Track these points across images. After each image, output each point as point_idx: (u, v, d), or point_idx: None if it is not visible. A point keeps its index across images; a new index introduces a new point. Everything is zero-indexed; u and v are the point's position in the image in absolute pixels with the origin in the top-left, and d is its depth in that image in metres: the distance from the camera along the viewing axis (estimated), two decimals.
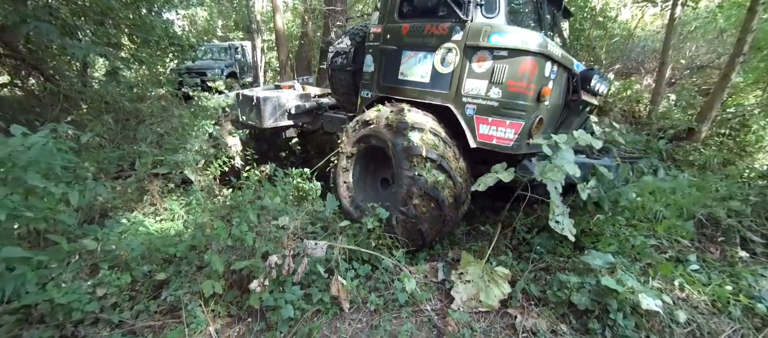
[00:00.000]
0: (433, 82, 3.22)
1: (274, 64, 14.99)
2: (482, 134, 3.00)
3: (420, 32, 3.29)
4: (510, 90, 2.84)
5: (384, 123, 3.16)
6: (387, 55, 3.56)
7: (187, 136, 5.25)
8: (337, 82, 4.48)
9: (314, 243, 2.38)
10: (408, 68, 3.41)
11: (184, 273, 2.62)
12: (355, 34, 4.30)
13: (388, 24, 3.57)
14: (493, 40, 2.88)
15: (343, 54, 4.30)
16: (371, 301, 2.54)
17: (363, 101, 3.87)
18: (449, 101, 3.13)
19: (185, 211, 3.69)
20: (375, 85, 3.72)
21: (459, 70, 3.05)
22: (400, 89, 3.49)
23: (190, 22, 13.81)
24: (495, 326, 2.46)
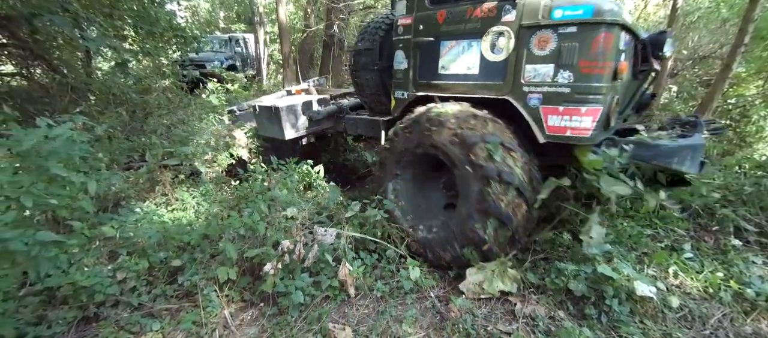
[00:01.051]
0: (483, 73, 2.85)
1: (276, 56, 15.01)
2: (552, 126, 2.60)
3: (460, 18, 2.90)
4: (583, 71, 2.44)
5: (448, 134, 2.73)
6: (422, 49, 3.18)
7: (194, 128, 5.36)
8: (363, 83, 4.09)
9: (324, 230, 2.49)
10: (450, 60, 3.02)
11: (198, 260, 2.74)
12: (377, 29, 3.94)
13: (418, 13, 3.17)
14: (556, 15, 2.47)
15: (366, 52, 3.93)
16: (377, 288, 2.65)
17: (398, 103, 3.49)
18: (506, 93, 2.74)
19: (196, 202, 3.80)
20: (411, 84, 3.33)
21: (515, 56, 2.66)
22: (442, 85, 3.12)
23: (192, 13, 13.81)
24: (495, 312, 2.58)
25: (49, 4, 3.48)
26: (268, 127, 4.85)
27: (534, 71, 2.61)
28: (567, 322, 2.34)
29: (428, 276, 2.84)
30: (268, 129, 4.90)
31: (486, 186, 2.56)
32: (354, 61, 4.10)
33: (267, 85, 13.30)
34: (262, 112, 4.92)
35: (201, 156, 4.36)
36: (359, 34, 4.11)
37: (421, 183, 3.32)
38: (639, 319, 2.39)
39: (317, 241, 2.53)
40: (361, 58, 4.01)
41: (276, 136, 4.78)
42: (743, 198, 3.52)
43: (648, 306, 2.45)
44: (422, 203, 3.29)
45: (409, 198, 3.28)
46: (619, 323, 2.34)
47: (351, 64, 4.14)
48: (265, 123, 4.89)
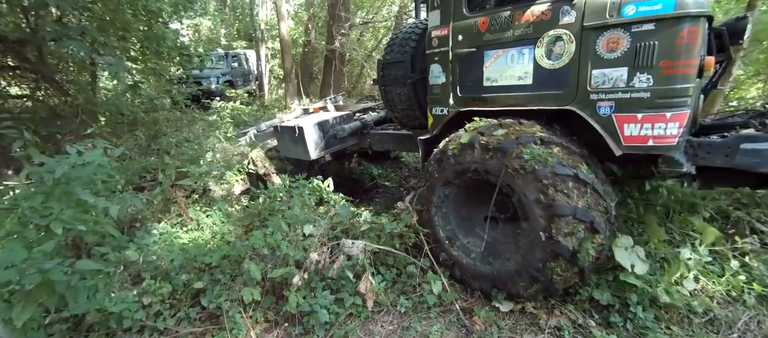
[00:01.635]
0: (538, 83, 2.58)
1: (276, 71, 15.15)
2: (630, 136, 2.32)
3: (507, 24, 2.64)
4: (665, 72, 2.18)
5: (512, 164, 2.41)
6: (463, 61, 2.92)
7: (202, 146, 5.40)
8: (394, 98, 3.78)
9: (351, 243, 2.50)
10: (496, 71, 2.76)
11: (220, 281, 2.74)
12: (407, 39, 3.67)
13: (456, 22, 2.91)
14: (627, 12, 2.22)
15: (397, 64, 3.65)
16: (401, 304, 2.65)
17: (437, 120, 3.22)
18: (570, 102, 2.47)
19: (212, 221, 3.81)
20: (451, 99, 3.07)
21: (578, 61, 2.40)
22: (488, 99, 2.85)
23: (194, 31, 13.99)
24: (520, 323, 2.57)
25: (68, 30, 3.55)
26: (292, 147, 4.66)
27: (603, 76, 2.34)
28: (595, 331, 2.34)
29: (450, 289, 2.84)
30: (291, 149, 4.70)
31: (556, 224, 2.28)
32: (383, 75, 3.80)
33: (269, 100, 13.41)
34: (284, 132, 4.72)
35: (213, 175, 4.38)
36: (388, 45, 3.85)
37: (471, 208, 3.02)
38: (665, 325, 2.39)
39: (343, 253, 2.54)
40: (391, 70, 3.72)
41: (301, 156, 4.59)
42: (756, 200, 3.54)
43: (672, 312, 2.45)
44: (472, 230, 3.00)
45: (457, 224, 3.00)
46: (646, 330, 2.35)
47: (380, 78, 3.85)
48: (288, 144, 4.69)
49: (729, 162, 2.46)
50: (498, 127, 2.62)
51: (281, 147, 4.95)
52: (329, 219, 3.49)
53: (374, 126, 4.79)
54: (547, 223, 2.31)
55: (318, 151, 4.49)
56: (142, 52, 6.18)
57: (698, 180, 2.53)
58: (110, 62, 4.02)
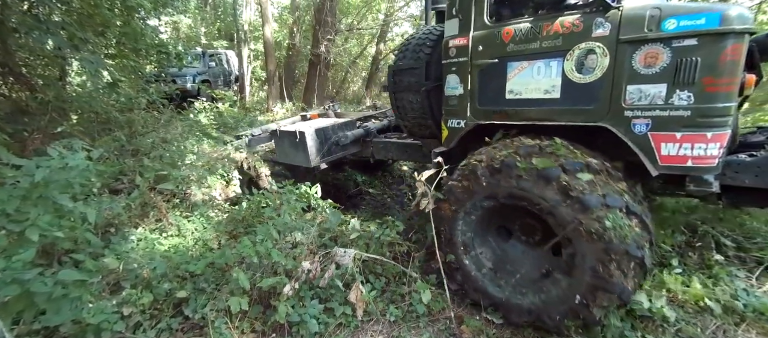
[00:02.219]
0: (567, 97, 2.46)
1: (258, 73, 14.92)
2: (667, 156, 2.22)
3: (533, 35, 2.53)
4: (707, 90, 2.08)
5: (556, 192, 2.27)
6: (483, 72, 2.80)
7: (182, 149, 5.23)
8: (405, 106, 3.61)
9: (343, 252, 2.49)
10: (521, 83, 2.64)
11: (205, 290, 2.65)
12: (421, 45, 3.51)
13: (476, 32, 2.80)
14: (668, 26, 2.11)
15: (409, 71, 3.51)
16: (390, 312, 2.66)
17: (453, 133, 3.08)
18: (602, 118, 2.36)
19: (194, 227, 3.68)
20: (469, 111, 2.94)
21: (612, 75, 2.29)
22: (511, 112, 2.73)
23: (172, 28, 13.55)
24: (505, 332, 2.64)
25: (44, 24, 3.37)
26: (291, 153, 4.45)
27: (639, 92, 2.23)
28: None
29: (439, 299, 2.87)
30: (289, 155, 4.49)
31: (606, 260, 2.15)
32: (394, 81, 3.64)
33: (250, 102, 13.15)
34: (284, 137, 4.50)
35: (196, 180, 4.25)
36: (399, 50, 3.69)
37: (493, 229, 2.88)
38: (641, 334, 2.50)
39: (334, 261, 2.52)
40: (403, 77, 3.55)
41: (300, 162, 4.38)
42: (719, 215, 3.79)
43: (647, 321, 2.58)
44: (502, 256, 2.86)
45: (482, 248, 2.85)
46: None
47: (390, 84, 3.68)
48: (287, 149, 4.49)
49: (759, 182, 2.38)
50: (536, 149, 2.43)
51: (279, 152, 4.75)
52: (318, 227, 3.46)
53: (377, 134, 4.65)
54: (594, 257, 2.18)
55: (318, 157, 4.30)
56: (118, 49, 5.94)
57: (724, 199, 2.43)
58: (89, 59, 3.83)
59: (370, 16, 14.05)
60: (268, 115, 10.41)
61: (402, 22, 15.01)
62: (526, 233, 2.79)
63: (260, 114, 10.90)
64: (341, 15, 13.96)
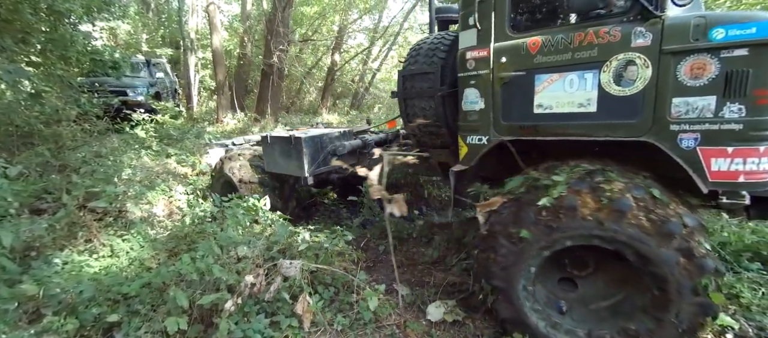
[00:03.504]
0: (605, 110, 2.33)
1: (207, 83, 14.32)
2: (717, 172, 2.12)
3: (564, 45, 2.40)
4: (759, 103, 2.01)
5: (643, 224, 2.08)
6: (507, 85, 2.65)
7: (118, 164, 4.90)
8: (417, 113, 3.40)
9: (288, 263, 2.48)
10: (551, 97, 2.50)
11: (139, 312, 2.51)
12: (435, 49, 3.33)
13: (498, 43, 2.65)
14: (716, 35, 2.02)
15: (422, 76, 3.32)
16: (338, 321, 2.69)
17: (473, 150, 2.90)
18: (644, 133, 2.24)
19: (129, 246, 3.46)
20: (491, 127, 2.77)
21: (655, 88, 2.18)
22: (540, 127, 2.57)
23: (109, 35, 12.64)
24: (449, 332, 2.77)
25: None
26: (281, 162, 4.17)
27: (685, 105, 2.13)
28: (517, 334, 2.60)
29: (386, 305, 2.95)
30: (280, 164, 4.20)
31: (699, 280, 2.04)
32: (405, 87, 3.44)
33: (198, 112, 12.57)
34: (275, 143, 4.18)
35: (134, 196, 4.00)
36: (410, 55, 3.52)
37: (551, 274, 2.63)
38: None
39: (280, 274, 2.51)
40: (415, 82, 3.37)
41: (292, 172, 4.10)
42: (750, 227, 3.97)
43: None
44: (570, 296, 2.60)
45: (546, 297, 2.57)
46: None
47: (401, 90, 3.47)
48: (278, 157, 4.20)
49: None
50: (593, 180, 2.26)
51: (268, 160, 4.42)
52: (266, 240, 3.41)
53: (375, 146, 4.47)
54: (689, 282, 2.06)
55: (313, 167, 4.01)
56: (44, 57, 5.47)
57: (752, 211, 2.34)
58: (6, 68, 3.50)
59: (325, 27, 14.11)
60: (218, 126, 10.03)
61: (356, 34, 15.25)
62: (578, 268, 2.58)
63: (209, 125, 10.46)
64: (295, 25, 13.89)
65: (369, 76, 16.81)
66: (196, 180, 6.03)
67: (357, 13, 14.22)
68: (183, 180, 5.96)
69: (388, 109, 14.66)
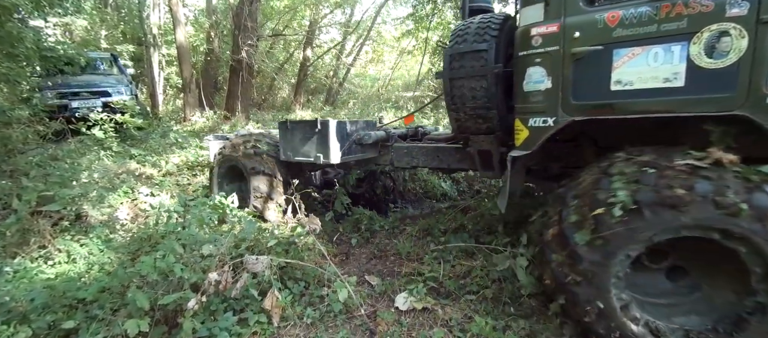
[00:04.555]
0: (694, 85, 2.22)
1: (174, 80, 13.78)
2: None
3: (649, 17, 2.27)
4: None
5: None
6: (581, 62, 2.51)
7: (77, 166, 4.67)
8: (465, 93, 3.20)
9: (255, 258, 2.46)
10: (632, 73, 2.37)
11: (97, 317, 2.42)
12: (485, 28, 3.16)
13: (570, 18, 2.51)
14: None
15: (474, 54, 3.12)
16: (307, 315, 2.69)
17: (536, 133, 2.71)
18: (740, 106, 2.14)
19: (87, 251, 3.32)
20: (559, 107, 2.59)
21: (751, 59, 2.08)
22: (618, 105, 2.42)
23: (64, 31, 11.91)
24: (418, 319, 2.83)
25: None
26: (304, 148, 4.01)
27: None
28: (477, 318, 2.70)
29: (357, 296, 2.97)
30: (302, 150, 4.04)
31: None
32: (452, 67, 3.25)
33: (164, 111, 12.09)
34: (296, 128, 4.04)
35: (91, 198, 3.82)
36: (456, 35, 3.34)
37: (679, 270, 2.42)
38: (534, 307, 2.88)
39: (247, 270, 2.48)
40: (465, 61, 3.18)
41: (317, 158, 3.91)
42: None
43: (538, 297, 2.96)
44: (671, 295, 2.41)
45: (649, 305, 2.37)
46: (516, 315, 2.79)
47: (447, 71, 3.28)
48: (298, 144, 4.03)
49: None
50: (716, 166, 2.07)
51: (285, 147, 4.21)
52: (233, 237, 3.35)
53: (399, 139, 4.34)
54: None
55: (339, 154, 3.86)
56: None
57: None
58: None
59: (296, 22, 13.87)
60: (185, 125, 9.70)
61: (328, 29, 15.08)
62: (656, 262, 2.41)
63: (176, 124, 10.09)
64: (266, 19, 13.56)
65: (343, 71, 16.69)
66: (163, 181, 5.83)
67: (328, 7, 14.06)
68: (148, 182, 5.76)
69: (364, 104, 14.61)
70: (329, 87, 16.06)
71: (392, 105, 13.72)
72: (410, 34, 15.08)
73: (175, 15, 9.68)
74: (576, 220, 2.28)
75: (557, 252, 2.37)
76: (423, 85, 14.74)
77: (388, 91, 17.42)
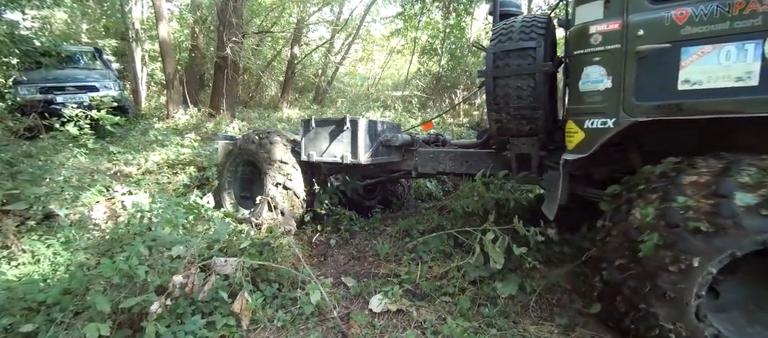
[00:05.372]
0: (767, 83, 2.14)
1: (158, 76, 13.51)
2: None
3: (721, 15, 2.21)
4: None
5: None
6: (645, 60, 2.45)
7: (47, 164, 4.53)
8: (510, 93, 3.10)
9: (223, 260, 2.41)
10: (701, 72, 2.31)
11: (58, 321, 2.34)
12: (532, 26, 3.10)
13: (634, 16, 2.44)
14: None
15: (520, 52, 3.04)
16: (278, 318, 2.64)
17: (593, 135, 2.60)
18: None
19: (53, 252, 3.21)
20: (621, 108, 2.51)
21: None
22: (686, 105, 2.34)
23: (42, 24, 11.56)
24: (392, 321, 2.81)
25: None
26: (330, 147, 3.86)
27: None
28: (450, 319, 2.69)
29: (331, 298, 2.94)
30: (327, 150, 3.90)
31: None
32: (496, 65, 3.15)
33: (147, 107, 11.84)
34: (322, 127, 3.89)
35: (64, 197, 3.70)
36: (500, 33, 3.25)
37: None
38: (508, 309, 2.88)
39: (215, 272, 2.43)
40: (511, 59, 3.09)
41: (344, 158, 3.76)
42: None
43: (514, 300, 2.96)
44: None
45: None
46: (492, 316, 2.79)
47: (490, 69, 3.17)
48: (322, 143, 3.90)
49: None
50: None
51: (308, 146, 4.04)
52: (203, 238, 3.29)
53: (424, 143, 4.24)
54: None
55: (368, 154, 3.72)
56: None
57: None
58: None
59: (283, 19, 13.73)
60: (168, 123, 9.51)
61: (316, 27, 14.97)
62: None
63: (159, 121, 9.89)
64: (253, 15, 13.39)
65: (331, 70, 16.60)
66: (142, 180, 5.70)
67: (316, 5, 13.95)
68: (125, 180, 5.62)
69: (352, 104, 14.55)
70: (318, 85, 15.96)
71: (380, 104, 13.69)
72: (399, 33, 15.07)
73: (158, 9, 9.48)
74: (691, 212, 2.06)
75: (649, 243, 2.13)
76: (411, 84, 14.75)
77: (377, 91, 17.39)
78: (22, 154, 5.36)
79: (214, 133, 8.19)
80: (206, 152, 6.55)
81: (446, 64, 12.69)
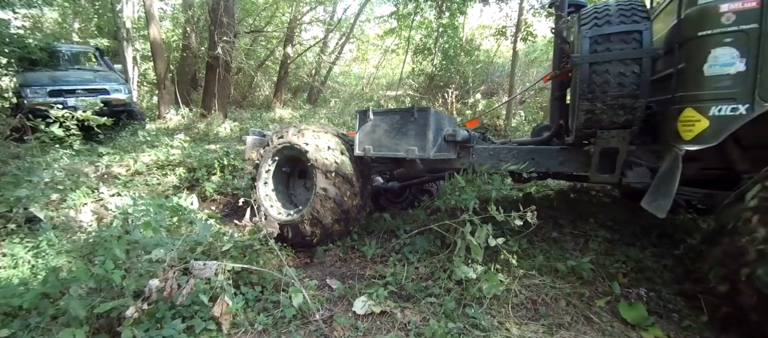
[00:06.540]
0: None
1: (150, 76, 13.42)
2: None
3: None
4: None
5: None
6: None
7: (35, 166, 4.48)
8: (610, 80, 2.88)
9: (202, 264, 2.38)
10: None
11: (34, 325, 2.31)
12: (633, 10, 2.90)
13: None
14: None
15: (623, 36, 2.84)
16: (259, 321, 2.62)
17: (720, 123, 2.46)
18: None
19: (33, 255, 3.17)
20: (755, 93, 2.37)
21: None
22: None
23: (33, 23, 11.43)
24: (376, 323, 2.80)
25: None
26: (390, 141, 3.60)
27: None
28: (433, 321, 2.68)
29: (313, 300, 2.92)
30: (387, 144, 3.63)
31: None
32: (594, 50, 2.93)
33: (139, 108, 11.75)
34: (381, 119, 3.63)
35: (51, 199, 3.65)
36: (593, 16, 3.03)
37: None
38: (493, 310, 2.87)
39: (194, 276, 2.40)
40: (611, 45, 2.88)
41: (407, 153, 3.50)
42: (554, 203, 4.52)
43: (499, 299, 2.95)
44: None
45: None
46: (477, 316, 2.78)
47: (586, 55, 2.97)
48: (383, 136, 3.64)
49: None
50: None
51: (364, 140, 3.75)
52: (185, 241, 3.25)
53: (480, 140, 4.03)
54: None
55: (435, 149, 3.49)
56: None
57: None
58: None
59: (276, 18, 13.67)
60: (160, 123, 9.45)
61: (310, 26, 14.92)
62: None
63: (150, 121, 9.82)
64: (245, 15, 13.31)
65: (325, 69, 16.54)
66: (130, 181, 5.66)
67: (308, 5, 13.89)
68: (114, 182, 5.57)
69: (345, 103, 14.52)
70: (311, 85, 15.90)
71: (374, 104, 13.68)
72: (393, 32, 15.05)
73: (149, 9, 9.41)
74: None
75: None
76: (404, 84, 14.74)
77: (372, 90, 17.36)
78: (9, 155, 5.30)
79: (205, 133, 8.13)
80: (196, 153, 6.51)
81: (439, 63, 12.71)
